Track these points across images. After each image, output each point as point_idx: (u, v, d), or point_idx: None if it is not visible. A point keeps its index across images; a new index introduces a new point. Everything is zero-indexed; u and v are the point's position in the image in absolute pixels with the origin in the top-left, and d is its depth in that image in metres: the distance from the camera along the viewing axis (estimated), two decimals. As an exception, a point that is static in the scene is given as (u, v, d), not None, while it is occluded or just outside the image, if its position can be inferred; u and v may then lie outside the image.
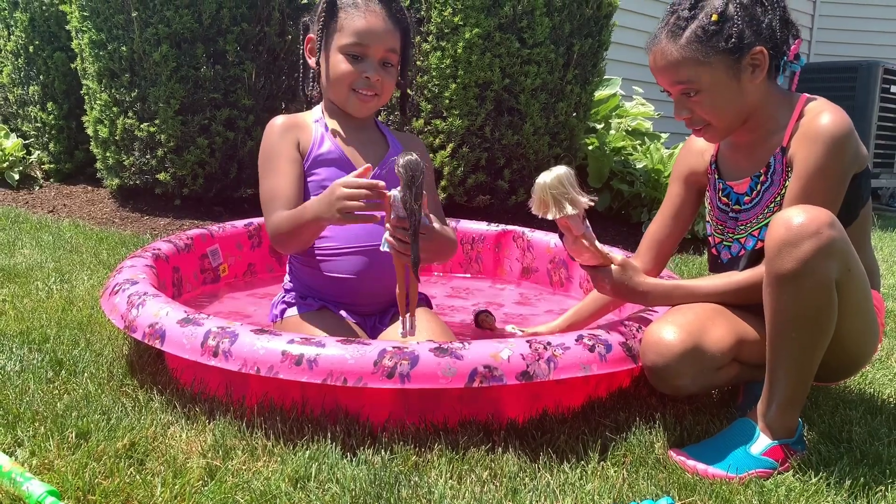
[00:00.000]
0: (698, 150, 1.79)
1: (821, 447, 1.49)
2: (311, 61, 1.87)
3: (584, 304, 1.99)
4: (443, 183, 3.66)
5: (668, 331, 1.49)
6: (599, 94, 4.32)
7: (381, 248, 1.57)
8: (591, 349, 1.51)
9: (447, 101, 3.57)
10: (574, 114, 3.88)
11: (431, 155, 3.64)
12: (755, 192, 1.63)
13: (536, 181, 1.50)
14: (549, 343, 1.49)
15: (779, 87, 1.61)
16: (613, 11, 3.92)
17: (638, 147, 4.33)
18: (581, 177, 4.14)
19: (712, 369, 1.51)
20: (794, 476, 1.38)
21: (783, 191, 1.58)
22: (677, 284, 1.64)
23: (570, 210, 1.48)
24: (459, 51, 3.49)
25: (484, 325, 2.04)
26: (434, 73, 3.56)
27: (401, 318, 1.62)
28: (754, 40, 1.52)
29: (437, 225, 1.62)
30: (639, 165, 4.16)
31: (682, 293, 1.62)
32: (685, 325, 1.49)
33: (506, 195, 3.81)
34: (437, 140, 3.64)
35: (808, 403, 1.68)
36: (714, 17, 1.50)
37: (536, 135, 3.72)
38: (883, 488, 1.35)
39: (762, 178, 1.61)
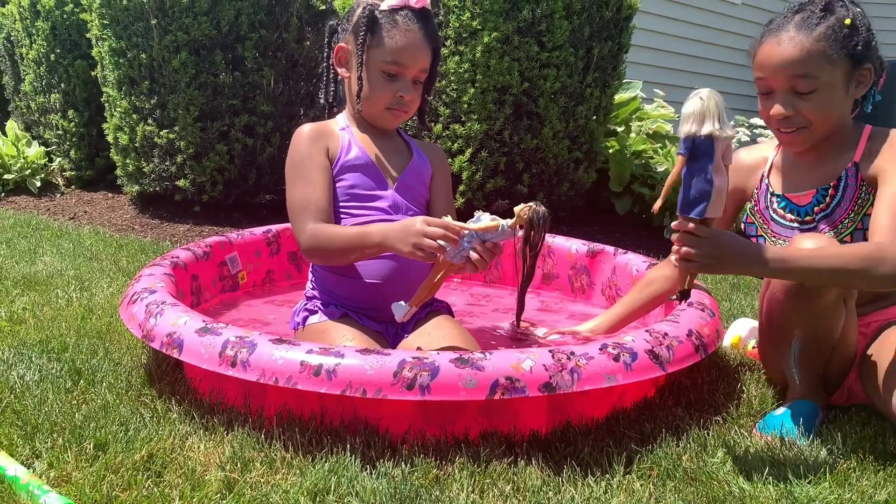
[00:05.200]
0: (748, 167, 1.81)
1: (853, 458, 1.45)
2: (341, 71, 1.87)
3: (631, 301, 2.00)
4: (461, 188, 3.63)
5: None
6: (619, 97, 4.27)
7: (452, 259, 1.58)
8: (616, 358, 1.48)
9: (466, 106, 3.54)
10: (594, 117, 3.84)
11: (450, 160, 3.62)
12: (823, 204, 1.66)
13: (693, 98, 1.32)
14: (572, 353, 1.46)
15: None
16: (633, 14, 3.87)
17: (659, 150, 4.28)
18: (602, 180, 4.14)
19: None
20: (827, 487, 1.34)
21: (857, 208, 1.62)
22: (797, 249, 1.46)
23: (729, 131, 1.32)
24: (478, 55, 3.46)
25: (522, 330, 2.01)
26: (452, 78, 3.54)
27: (410, 304, 1.65)
28: (867, 58, 1.59)
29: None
30: (660, 168, 4.12)
31: (803, 258, 1.43)
32: None
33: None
34: (456, 145, 3.62)
35: (841, 417, 1.64)
36: (847, 21, 1.57)
37: (556, 139, 3.69)
38: (920, 503, 1.30)
39: (831, 191, 1.65)
